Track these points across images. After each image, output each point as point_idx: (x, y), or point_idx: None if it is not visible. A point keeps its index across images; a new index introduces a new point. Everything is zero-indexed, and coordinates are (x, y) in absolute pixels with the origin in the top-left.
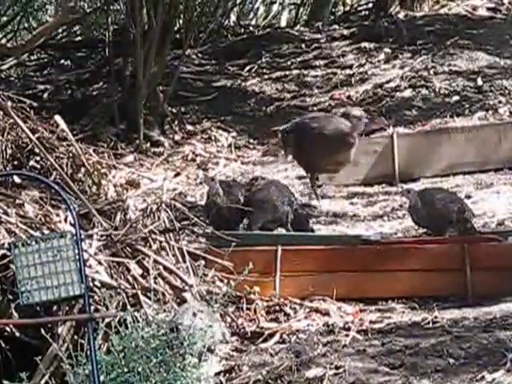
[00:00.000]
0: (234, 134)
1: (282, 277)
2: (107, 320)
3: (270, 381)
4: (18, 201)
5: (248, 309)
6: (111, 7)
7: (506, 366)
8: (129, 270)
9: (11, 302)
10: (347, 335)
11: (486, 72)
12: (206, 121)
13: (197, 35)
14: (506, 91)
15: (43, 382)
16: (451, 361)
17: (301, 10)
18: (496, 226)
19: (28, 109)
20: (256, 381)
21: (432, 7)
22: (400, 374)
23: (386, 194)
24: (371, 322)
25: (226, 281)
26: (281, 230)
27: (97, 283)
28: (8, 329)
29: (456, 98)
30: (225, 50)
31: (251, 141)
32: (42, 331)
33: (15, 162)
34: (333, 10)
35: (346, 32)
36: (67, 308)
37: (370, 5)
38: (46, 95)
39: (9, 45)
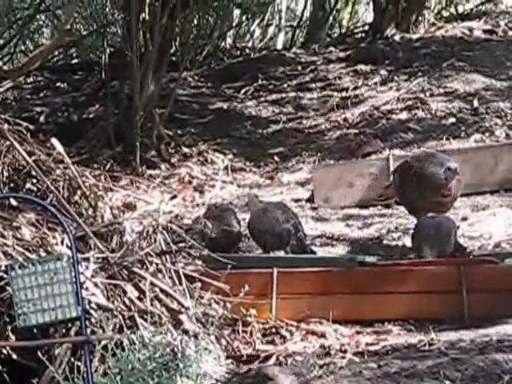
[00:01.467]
0: (231, 156)
1: (279, 299)
2: (104, 342)
3: None
4: (14, 223)
5: (244, 331)
6: (108, 30)
7: None
8: (125, 292)
9: (8, 325)
10: (343, 357)
11: (482, 94)
12: (202, 143)
13: (193, 57)
14: (503, 113)
15: None
16: (447, 383)
17: (297, 32)
18: (492, 248)
19: (24, 131)
20: None
21: (428, 29)
22: None
23: (381, 216)
24: (367, 344)
25: (222, 303)
26: (278, 252)
27: (93, 305)
28: (5, 351)
29: (452, 120)
30: (221, 72)
31: (247, 163)
32: (39, 353)
33: (12, 185)
34: (329, 32)
35: (342, 54)
36: (64, 330)
37: (367, 27)
38: (42, 118)
39: (5, 67)
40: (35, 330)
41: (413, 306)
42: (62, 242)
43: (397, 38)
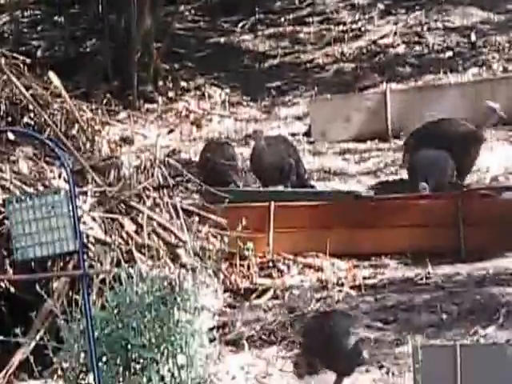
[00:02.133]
0: (228, 90)
1: (276, 233)
2: (101, 276)
3: (263, 336)
4: (12, 157)
5: (241, 265)
6: None
7: (499, 321)
8: (123, 226)
9: (6, 258)
10: (340, 291)
11: (479, 28)
12: (199, 77)
13: None
14: (500, 47)
15: (38, 337)
16: (444, 316)
17: None
18: (490, 182)
19: (22, 65)
20: (249, 336)
21: None
22: (393, 330)
23: (378, 150)
24: (364, 277)
25: (219, 237)
26: (277, 186)
27: (91, 239)
28: (3, 285)
29: (449, 53)
30: (218, 6)
31: (245, 97)
32: (37, 287)
33: (9, 119)
34: None
35: None
36: (62, 264)
37: None
38: (39, 52)
39: (2, 1)
40: (33, 264)
41: (410, 240)
42: (60, 176)
43: None
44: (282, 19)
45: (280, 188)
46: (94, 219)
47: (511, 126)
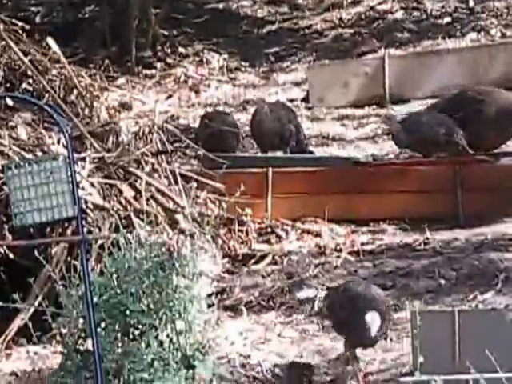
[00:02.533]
0: (226, 56)
1: (274, 198)
2: (100, 241)
3: (261, 302)
4: (10, 123)
5: (240, 230)
6: None
7: (497, 287)
8: (121, 192)
9: (5, 224)
10: (339, 256)
11: None
12: (197, 43)
13: None
14: (498, 12)
15: (37, 303)
16: (443, 282)
17: None
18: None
19: (20, 31)
20: (248, 302)
21: None
22: (391, 295)
23: (376, 116)
24: (363, 243)
25: (217, 203)
26: (276, 152)
27: (90, 205)
28: (2, 250)
29: (448, 19)
30: None
31: (243, 63)
32: (36, 253)
33: (8, 85)
34: None
35: None
36: (60, 230)
37: None
38: (38, 18)
39: None
40: (32, 230)
41: (408, 206)
42: (58, 142)
43: None
44: None
45: (278, 154)
46: (92, 185)
47: (508, 91)
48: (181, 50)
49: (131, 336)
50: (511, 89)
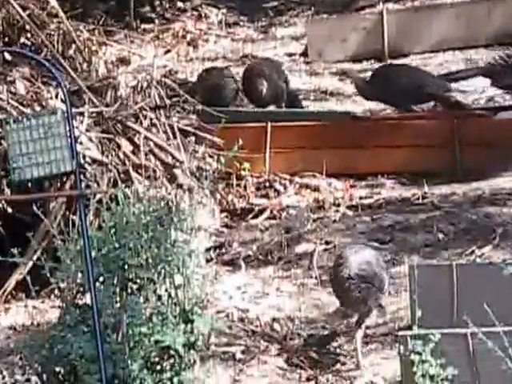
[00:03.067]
0: (225, 10)
1: (272, 153)
2: (98, 196)
3: (260, 256)
4: (8, 78)
5: (238, 185)
6: None
7: (495, 241)
8: (120, 146)
9: (3, 179)
10: (337, 211)
11: None
12: None
13: None
14: None
15: (35, 257)
16: (441, 236)
17: None
18: (485, 102)
19: None
20: (246, 256)
21: None
22: (390, 250)
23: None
24: (361, 197)
25: (216, 157)
26: (272, 107)
27: (88, 160)
28: (0, 205)
29: None
30: None
31: (241, 17)
32: (34, 207)
33: (6, 39)
34: None
35: None
36: (58, 184)
37: None
38: None
39: None
40: (30, 184)
41: (406, 160)
42: (57, 97)
43: None
44: None
45: (275, 108)
46: (90, 140)
47: (506, 45)
48: (179, 4)
49: (129, 290)
50: (509, 44)
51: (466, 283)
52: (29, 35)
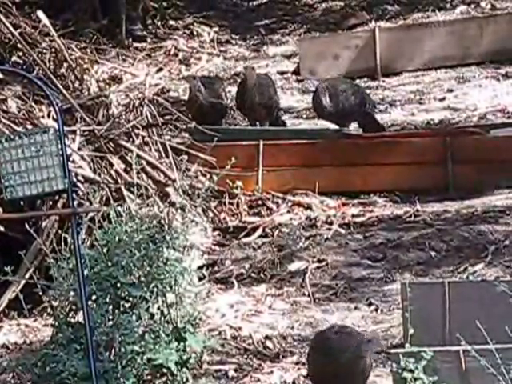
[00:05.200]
0: (217, 29)
1: (265, 171)
2: (91, 214)
3: (252, 274)
4: (0, 96)
5: (230, 203)
6: None
7: (487, 259)
8: (112, 164)
9: None
10: (329, 229)
11: None
12: (187, 16)
13: None
14: None
15: (28, 275)
16: (433, 254)
17: None
18: (478, 120)
19: (10, 4)
20: (239, 274)
21: None
22: (382, 267)
23: (367, 88)
24: (353, 215)
25: (208, 175)
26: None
27: (80, 178)
28: None
29: None
30: None
31: (233, 36)
32: (26, 226)
33: None
34: None
35: None
36: (51, 203)
37: None
38: None
39: None
40: (22, 203)
41: (398, 178)
42: (49, 115)
43: None
44: None
45: (267, 127)
46: (82, 158)
47: (498, 63)
48: (171, 22)
49: (122, 308)
50: (501, 61)
51: (459, 301)
52: (21, 53)
